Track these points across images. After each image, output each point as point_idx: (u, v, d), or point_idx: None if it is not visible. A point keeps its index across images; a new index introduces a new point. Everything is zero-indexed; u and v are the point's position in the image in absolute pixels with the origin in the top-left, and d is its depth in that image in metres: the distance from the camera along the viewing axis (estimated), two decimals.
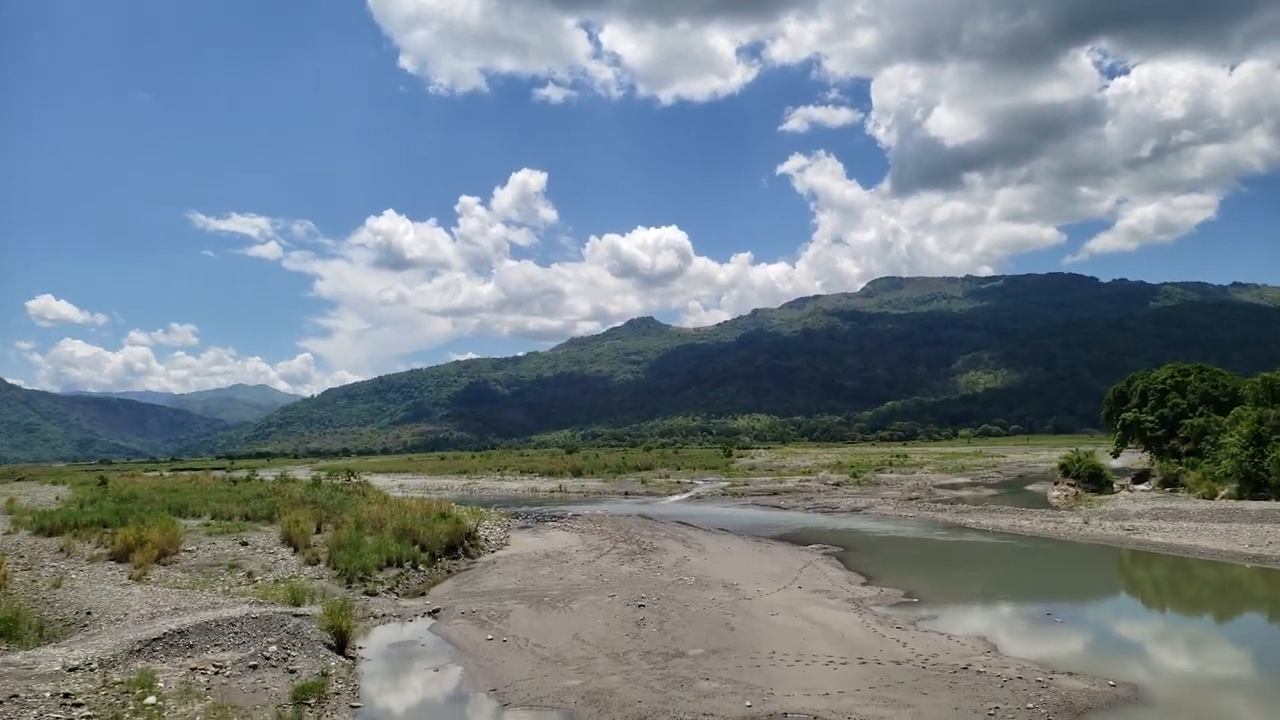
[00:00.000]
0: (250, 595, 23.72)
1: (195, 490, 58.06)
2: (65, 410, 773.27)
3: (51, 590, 24.12)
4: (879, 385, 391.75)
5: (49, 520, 38.91)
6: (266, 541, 33.90)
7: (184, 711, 13.76)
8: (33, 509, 48.04)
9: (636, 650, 19.21)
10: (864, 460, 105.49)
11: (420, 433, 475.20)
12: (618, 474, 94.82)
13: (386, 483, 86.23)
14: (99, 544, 32.48)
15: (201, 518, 42.07)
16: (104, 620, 20.32)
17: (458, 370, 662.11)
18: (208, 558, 30.25)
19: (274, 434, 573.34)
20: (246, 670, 16.45)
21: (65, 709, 13.32)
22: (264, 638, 18.26)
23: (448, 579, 30.01)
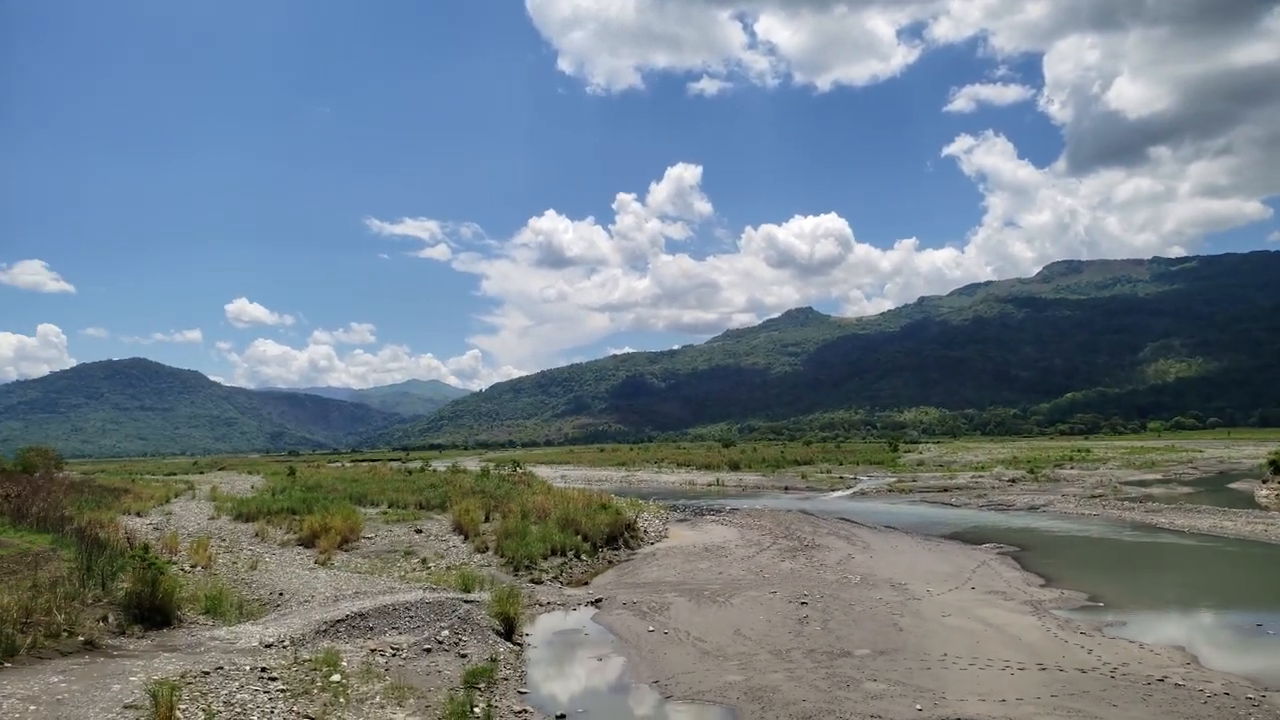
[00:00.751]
0: (424, 581, 25.02)
1: (374, 480, 61.80)
2: (259, 405, 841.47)
3: (249, 572, 26.33)
4: (1057, 375, 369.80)
5: (245, 507, 42.54)
6: (439, 529, 35.66)
7: (365, 690, 14.67)
8: (232, 496, 52.64)
9: (800, 648, 18.96)
10: (1042, 455, 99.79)
11: (580, 425, 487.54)
12: (776, 468, 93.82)
13: (549, 473, 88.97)
14: (289, 530, 35.18)
15: (379, 506, 44.76)
16: (294, 601, 21.96)
17: (615, 364, 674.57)
18: (385, 544, 32.14)
19: (445, 426, 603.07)
20: (421, 653, 17.36)
21: (262, 682, 14.48)
22: (437, 622, 19.23)
23: (609, 569, 30.61)
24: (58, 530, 31.96)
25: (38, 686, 13.85)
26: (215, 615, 20.47)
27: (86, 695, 13.45)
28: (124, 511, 44.38)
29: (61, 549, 27.50)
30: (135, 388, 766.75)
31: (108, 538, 27.18)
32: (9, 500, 39.77)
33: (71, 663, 15.63)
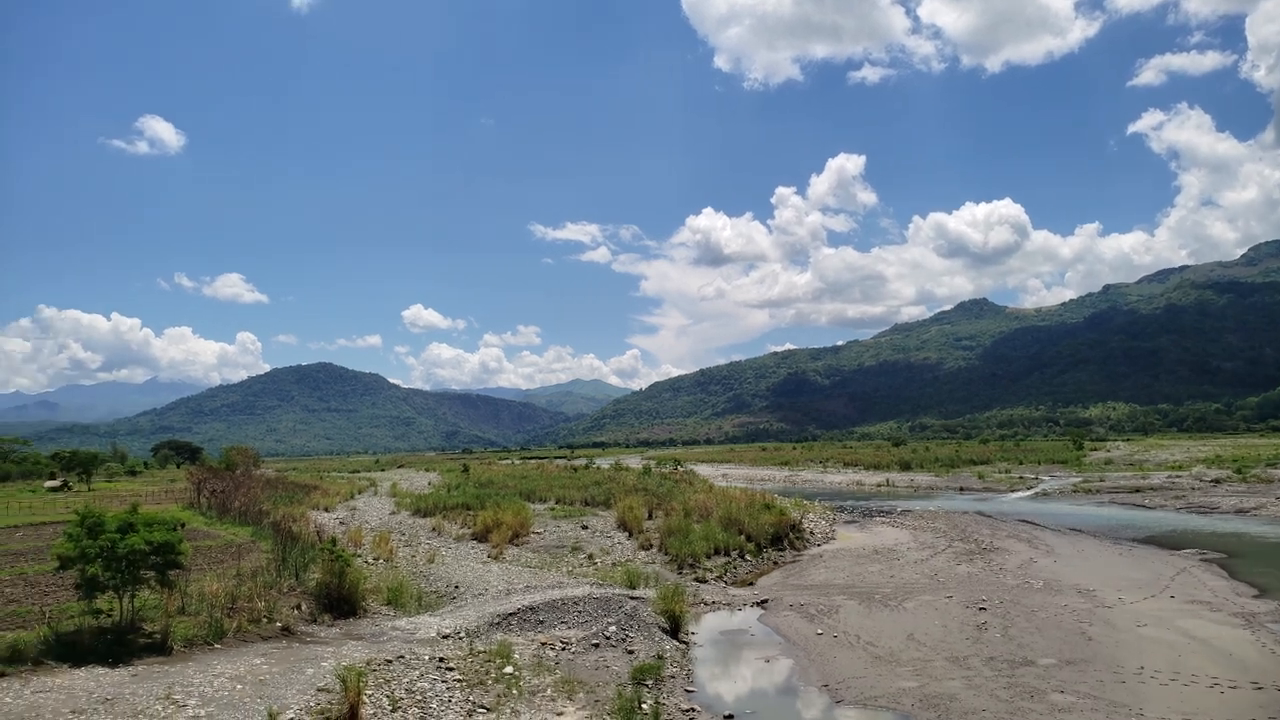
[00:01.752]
0: (591, 577, 25.58)
1: (541, 477, 63.77)
2: (434, 405, 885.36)
3: (427, 565, 27.71)
4: (1268, 367, 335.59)
5: (423, 503, 44.89)
6: (604, 526, 36.37)
7: (536, 683, 15.13)
8: (410, 492, 55.60)
9: (978, 655, 18.12)
10: (1251, 454, 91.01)
11: (740, 424, 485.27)
12: (950, 468, 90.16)
13: (710, 472, 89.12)
14: (463, 524, 36.80)
15: (547, 502, 46.13)
16: (468, 594, 22.95)
17: (776, 361, 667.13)
18: (553, 540, 33.08)
19: (608, 425, 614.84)
20: (589, 648, 17.75)
21: (440, 671, 15.21)
22: (604, 618, 19.61)
23: (774, 570, 30.31)
24: (256, 523, 34.81)
25: (243, 667, 15.11)
26: (396, 606, 21.69)
27: (284, 677, 14.55)
28: (313, 506, 47.80)
29: (260, 541, 29.93)
30: (322, 390, 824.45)
31: (300, 531, 29.32)
32: (215, 495, 43.63)
33: (271, 646, 16.96)
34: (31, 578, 22.91)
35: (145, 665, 15.15)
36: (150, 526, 16.88)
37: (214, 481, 46.89)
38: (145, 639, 16.37)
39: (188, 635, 16.75)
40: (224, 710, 12.82)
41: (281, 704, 13.05)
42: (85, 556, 16.13)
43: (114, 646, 15.79)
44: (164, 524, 17.46)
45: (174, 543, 16.91)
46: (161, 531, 16.88)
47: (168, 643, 16.23)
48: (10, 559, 26.82)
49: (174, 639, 16.41)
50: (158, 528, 16.98)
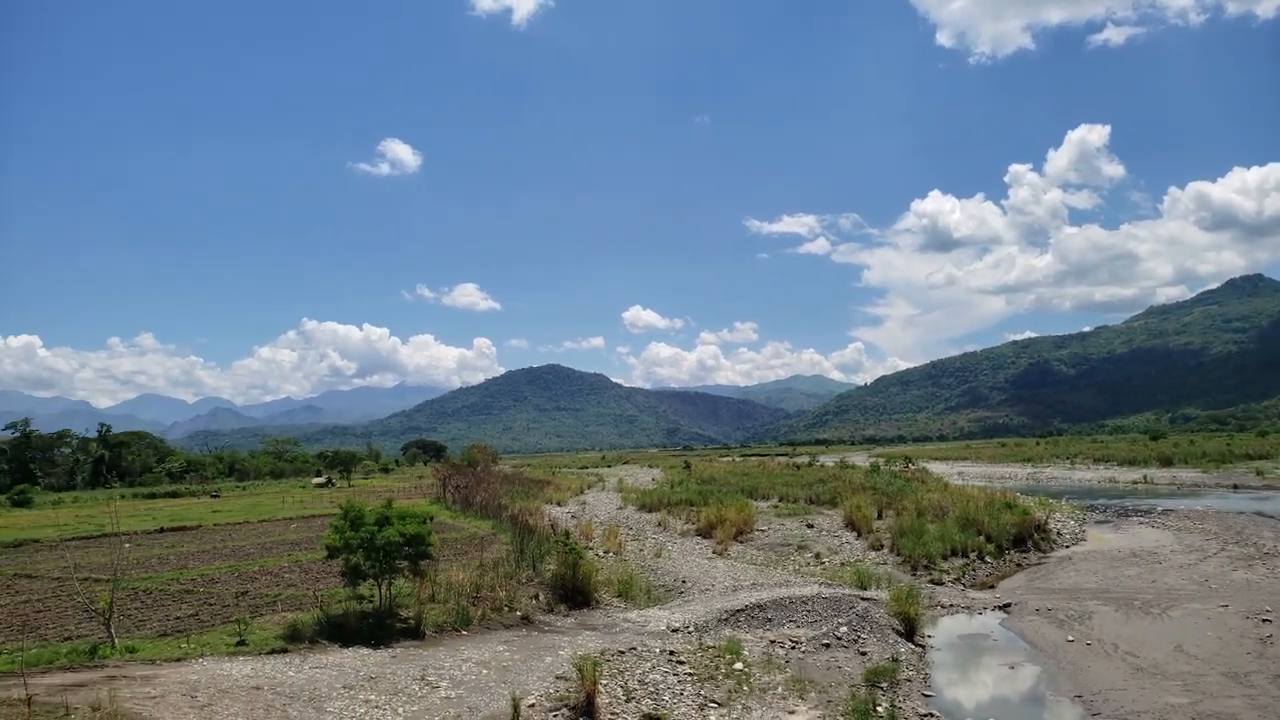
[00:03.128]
0: (818, 576, 25.20)
1: (763, 474, 63.57)
2: (655, 403, 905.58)
3: (654, 559, 28.36)
4: None
5: (648, 499, 45.99)
6: (830, 524, 35.71)
7: (767, 680, 15.07)
8: (635, 488, 57.16)
9: (1263, 672, 16.17)
10: None
11: (976, 418, 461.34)
12: (1221, 464, 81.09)
13: (944, 470, 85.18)
14: (687, 520, 37.34)
15: (770, 500, 45.91)
16: (695, 589, 23.24)
17: (1014, 351, 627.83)
18: (778, 537, 32.87)
19: (830, 421, 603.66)
20: (820, 648, 17.48)
21: (671, 664, 15.50)
22: (834, 618, 19.24)
23: (1017, 573, 28.52)
24: (496, 517, 36.98)
25: (488, 653, 16.10)
26: (626, 599, 22.34)
27: (525, 664, 15.37)
28: (547, 501, 50.20)
29: (499, 533, 31.79)
30: (551, 390, 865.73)
31: (535, 524, 30.89)
32: (459, 491, 46.79)
33: (512, 634, 17.96)
34: (305, 565, 25.58)
35: (402, 648, 16.50)
36: (403, 519, 18.36)
37: (457, 477, 50.27)
38: (401, 624, 17.83)
39: (438, 621, 18.08)
40: (472, 693, 13.71)
41: (524, 689, 13.79)
42: (349, 547, 17.81)
43: (375, 629, 17.31)
44: (415, 517, 18.92)
45: (424, 535, 18.30)
46: (413, 524, 18.31)
47: (420, 628, 17.60)
48: (287, 548, 30.09)
49: (426, 624, 17.77)
50: (410, 521, 18.43)
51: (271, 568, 25.32)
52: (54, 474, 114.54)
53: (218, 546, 31.50)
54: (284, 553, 28.70)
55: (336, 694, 13.45)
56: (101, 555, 28.45)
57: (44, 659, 14.79)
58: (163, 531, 38.30)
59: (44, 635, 17.00)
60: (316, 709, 12.75)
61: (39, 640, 16.46)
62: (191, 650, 15.54)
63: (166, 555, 29.32)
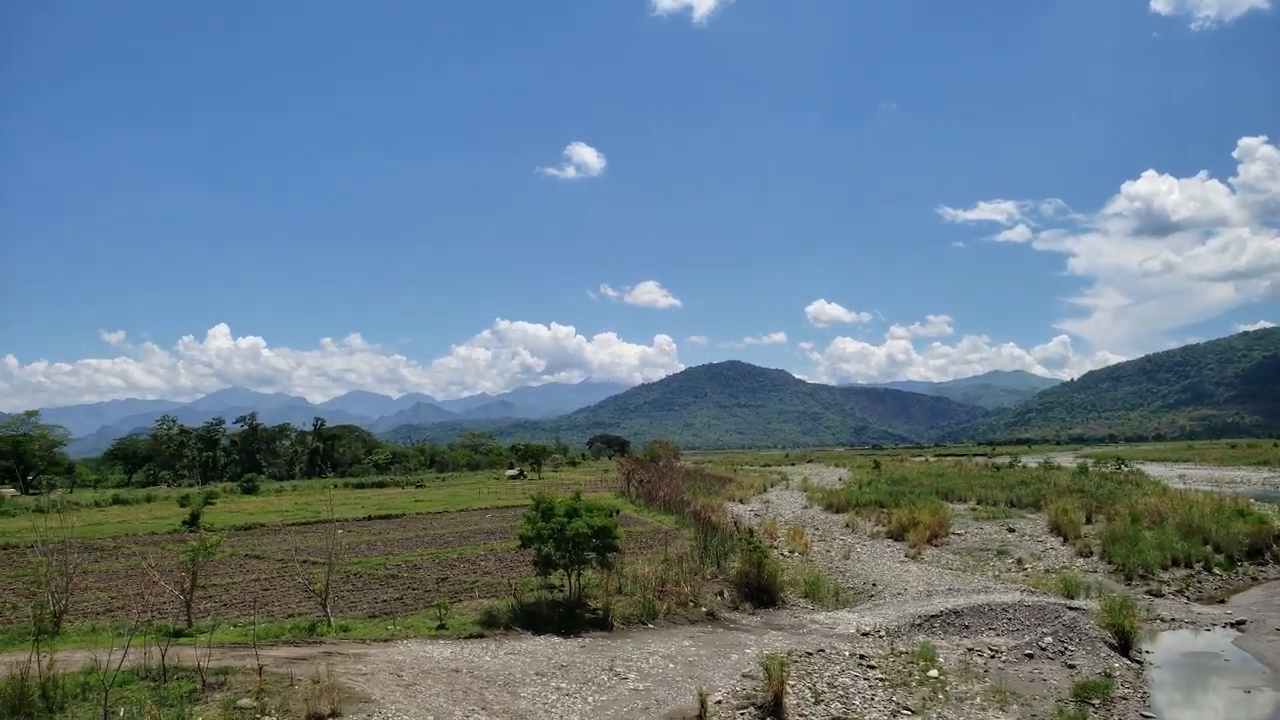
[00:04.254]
0: (1020, 582, 23.89)
1: (959, 475, 60.98)
2: (841, 400, 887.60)
3: (842, 560, 27.80)
4: None
5: (835, 498, 45.16)
6: (1033, 529, 33.80)
7: (964, 690, 14.45)
8: (821, 488, 56.25)
9: None
10: None
11: (1199, 417, 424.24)
12: None
13: (1163, 472, 78.66)
14: (877, 522, 36.37)
15: (967, 502, 43.98)
16: (886, 592, 22.60)
17: (1246, 343, 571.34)
18: (975, 542, 31.43)
19: (1033, 419, 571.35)
20: (1022, 658, 16.57)
21: (861, 668, 15.15)
22: (1038, 627, 18.18)
23: (1252, 587, 25.92)
24: (679, 512, 37.36)
25: (674, 647, 16.31)
26: (814, 599, 22.02)
27: (711, 660, 15.45)
28: (729, 498, 50.27)
29: (683, 529, 32.08)
30: (732, 387, 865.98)
31: (718, 521, 30.96)
32: (642, 485, 47.62)
33: (697, 630, 18.11)
34: (500, 553, 26.81)
35: (591, 638, 16.97)
36: (591, 512, 18.88)
37: (640, 472, 51.19)
38: (590, 614, 18.35)
39: (625, 613, 18.47)
40: (659, 686, 13.92)
41: (710, 685, 13.86)
42: (540, 537, 18.51)
43: (565, 619, 17.90)
44: (602, 510, 19.43)
45: (611, 528, 18.75)
46: (600, 517, 18.79)
47: (608, 619, 18.05)
48: (483, 537, 31.64)
49: (614, 616, 18.21)
50: (597, 513, 18.93)
51: (469, 555, 26.70)
52: (276, 464, 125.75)
53: (420, 534, 33.54)
54: (480, 541, 30.20)
55: (530, 680, 14.01)
56: (318, 540, 30.93)
57: (271, 633, 16.25)
58: (370, 519, 41.20)
59: (270, 611, 18.69)
60: (511, 693, 13.33)
61: (266, 616, 18.13)
62: (397, 632, 16.62)
63: (374, 541, 31.51)
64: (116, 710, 11.24)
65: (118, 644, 12.87)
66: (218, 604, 19.61)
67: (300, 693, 12.27)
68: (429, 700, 12.68)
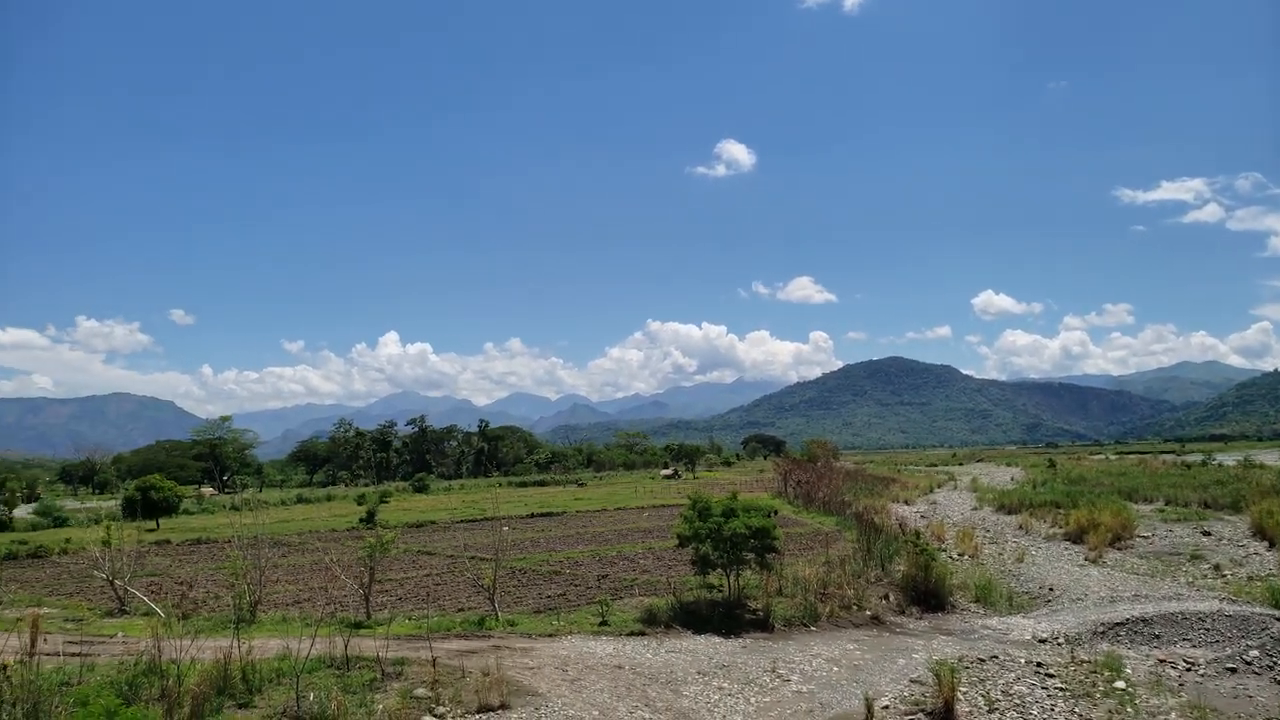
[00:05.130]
0: (1218, 590, 22.15)
1: (1144, 474, 57.26)
2: (1011, 396, 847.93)
3: (1015, 564, 26.57)
4: None
5: (1007, 499, 43.19)
6: (1233, 533, 31.27)
7: (1156, 703, 13.55)
8: (991, 488, 53.94)
9: None
10: None
11: None
12: None
13: None
14: (1053, 523, 34.56)
15: (1153, 503, 41.17)
16: (1065, 598, 21.45)
17: None
18: (1164, 545, 29.37)
19: (1229, 414, 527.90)
20: (1223, 672, 15.37)
21: (1039, 677, 14.45)
22: (1241, 639, 16.81)
23: None
24: (839, 513, 36.75)
25: (837, 650, 16.07)
26: (985, 604, 21.17)
27: (877, 665, 15.13)
28: (893, 499, 48.93)
29: (844, 530, 31.54)
30: (893, 384, 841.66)
31: (881, 523, 30.26)
32: (800, 486, 47.07)
33: (861, 633, 17.76)
34: (657, 552, 27.15)
35: (752, 638, 16.95)
36: (748, 512, 18.86)
37: (798, 472, 50.61)
38: (750, 615, 18.32)
39: (786, 615, 18.34)
40: (823, 689, 13.75)
41: (876, 690, 13.58)
42: (698, 536, 18.64)
43: (725, 618, 17.95)
44: (759, 510, 19.37)
45: (769, 528, 18.66)
46: (758, 517, 18.74)
47: (769, 620, 17.97)
48: (641, 535, 32.11)
49: (774, 617, 18.11)
50: (754, 514, 18.88)
51: (628, 553, 27.17)
52: (444, 463, 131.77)
53: (580, 532, 34.38)
54: (638, 540, 30.67)
55: (691, 679, 14.13)
56: (485, 537, 32.22)
57: (442, 626, 17.07)
58: (533, 517, 42.54)
59: (442, 605, 19.62)
60: (673, 691, 13.49)
61: (438, 610, 19.05)
62: (561, 627, 17.11)
63: (537, 538, 32.54)
64: (306, 695, 12.10)
65: (306, 634, 13.87)
66: (393, 598, 20.75)
67: (471, 684, 12.85)
68: (594, 696, 13.01)
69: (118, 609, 20.26)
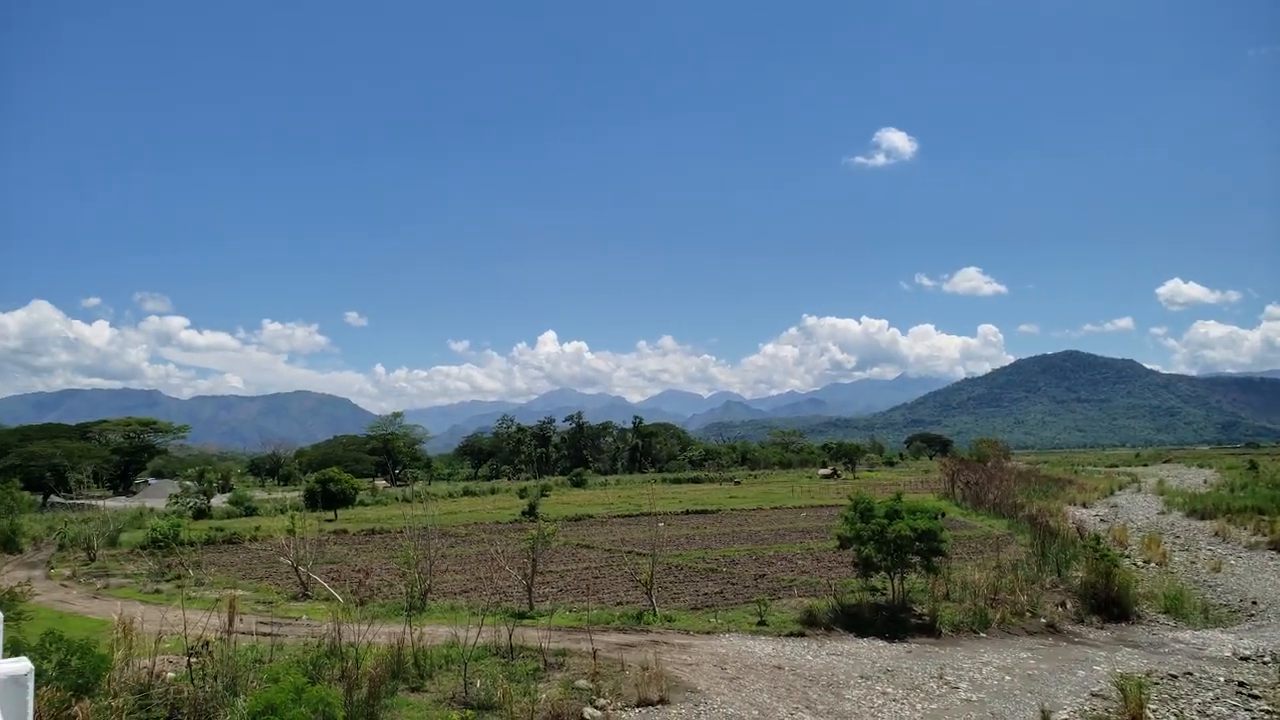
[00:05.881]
0: None
1: None
2: (1204, 393, 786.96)
3: (1210, 573, 24.65)
4: None
5: (1199, 503, 40.12)
6: None
7: None
8: (1181, 491, 50.20)
9: None
10: None
11: None
12: None
13: None
14: (1255, 530, 31.85)
15: None
16: (1270, 612, 19.74)
17: None
18: None
19: None
20: None
21: (1241, 698, 13.33)
22: None
23: None
24: (1011, 516, 35.15)
25: (1009, 659, 15.35)
26: (1175, 616, 19.74)
27: (1053, 675, 14.35)
28: (1069, 501, 46.37)
29: (1016, 534, 30.13)
30: (1069, 380, 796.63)
31: (1057, 526, 28.73)
32: (969, 487, 45.30)
33: (1035, 641, 16.89)
34: (816, 553, 26.75)
35: (917, 644, 16.42)
36: (913, 514, 18.29)
37: (966, 473, 48.74)
38: (915, 619, 17.76)
39: (954, 620, 17.68)
40: (995, 699, 13.16)
41: (1053, 703, 12.88)
42: (859, 538, 18.23)
43: (889, 622, 17.47)
44: (925, 512, 18.74)
45: (936, 531, 18.03)
46: (924, 519, 18.14)
47: (935, 625, 17.36)
48: (799, 535, 31.71)
49: (941, 622, 17.49)
50: (920, 516, 18.29)
51: (785, 553, 26.89)
52: (600, 459, 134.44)
53: (735, 530, 34.29)
54: (796, 540, 30.30)
55: (854, 682, 13.83)
56: (640, 532, 32.61)
57: (601, 619, 17.40)
58: (688, 514, 42.76)
59: (600, 598, 19.99)
60: (835, 694, 13.24)
61: (597, 602, 19.42)
62: (719, 625, 17.12)
63: (692, 535, 32.67)
64: (474, 682, 12.59)
65: (473, 622, 14.46)
66: (554, 589, 21.30)
67: (631, 678, 13.03)
68: (753, 695, 12.93)
69: (301, 593, 21.71)
